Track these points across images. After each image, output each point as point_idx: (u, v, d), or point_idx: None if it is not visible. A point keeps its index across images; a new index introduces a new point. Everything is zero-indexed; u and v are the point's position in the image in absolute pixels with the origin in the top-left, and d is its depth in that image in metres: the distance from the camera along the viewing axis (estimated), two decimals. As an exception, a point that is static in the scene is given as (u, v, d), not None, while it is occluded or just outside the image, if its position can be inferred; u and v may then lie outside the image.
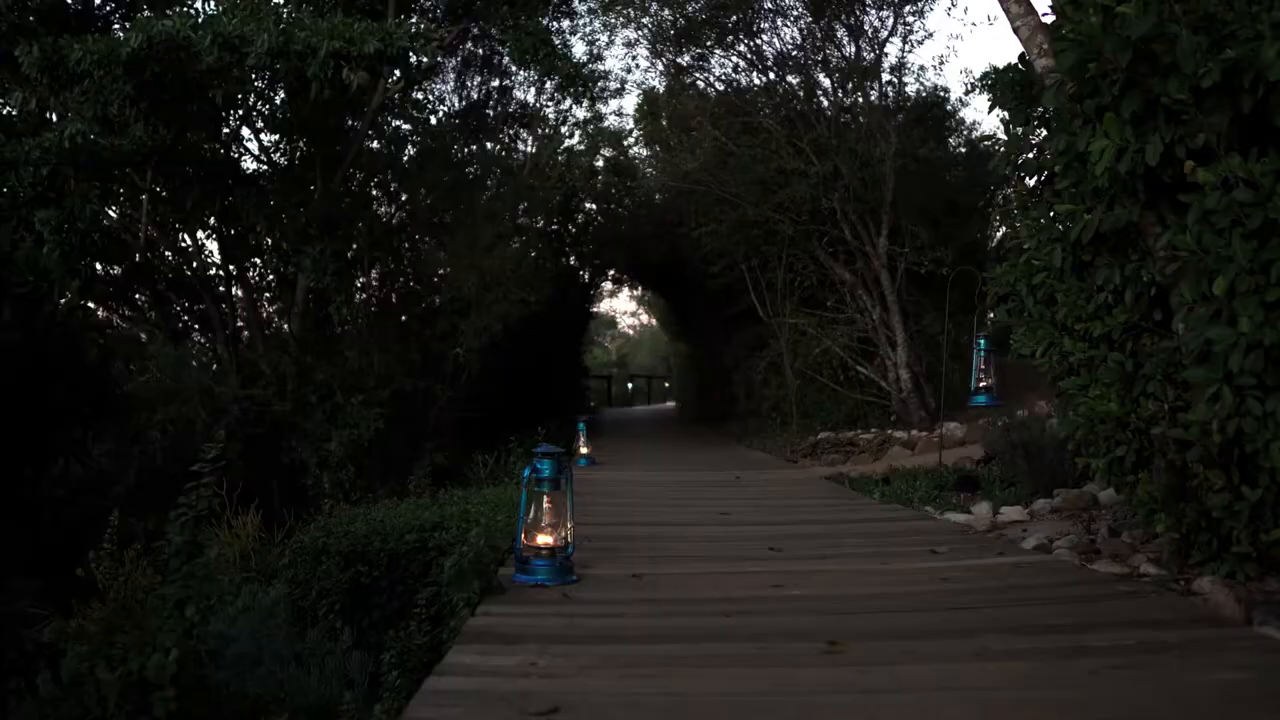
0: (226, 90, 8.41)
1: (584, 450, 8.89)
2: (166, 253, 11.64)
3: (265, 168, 10.91)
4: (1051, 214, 3.68)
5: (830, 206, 9.52)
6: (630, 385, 32.31)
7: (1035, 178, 3.75)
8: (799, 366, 10.34)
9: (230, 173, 9.75)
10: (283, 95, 9.79)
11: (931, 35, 11.27)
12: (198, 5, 10.37)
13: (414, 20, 12.53)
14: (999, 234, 17.41)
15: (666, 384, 33.10)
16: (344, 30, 7.33)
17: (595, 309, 22.52)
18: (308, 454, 8.78)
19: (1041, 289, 3.73)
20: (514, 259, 9.37)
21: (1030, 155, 3.70)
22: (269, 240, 10.60)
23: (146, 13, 9.19)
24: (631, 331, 38.22)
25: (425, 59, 8.11)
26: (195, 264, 11.14)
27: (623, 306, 31.71)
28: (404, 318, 11.02)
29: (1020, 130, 3.78)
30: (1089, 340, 3.54)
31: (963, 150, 15.14)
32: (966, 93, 14.75)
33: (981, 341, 5.96)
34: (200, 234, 10.83)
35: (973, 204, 14.61)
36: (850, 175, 9.35)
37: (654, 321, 29.34)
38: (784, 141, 9.64)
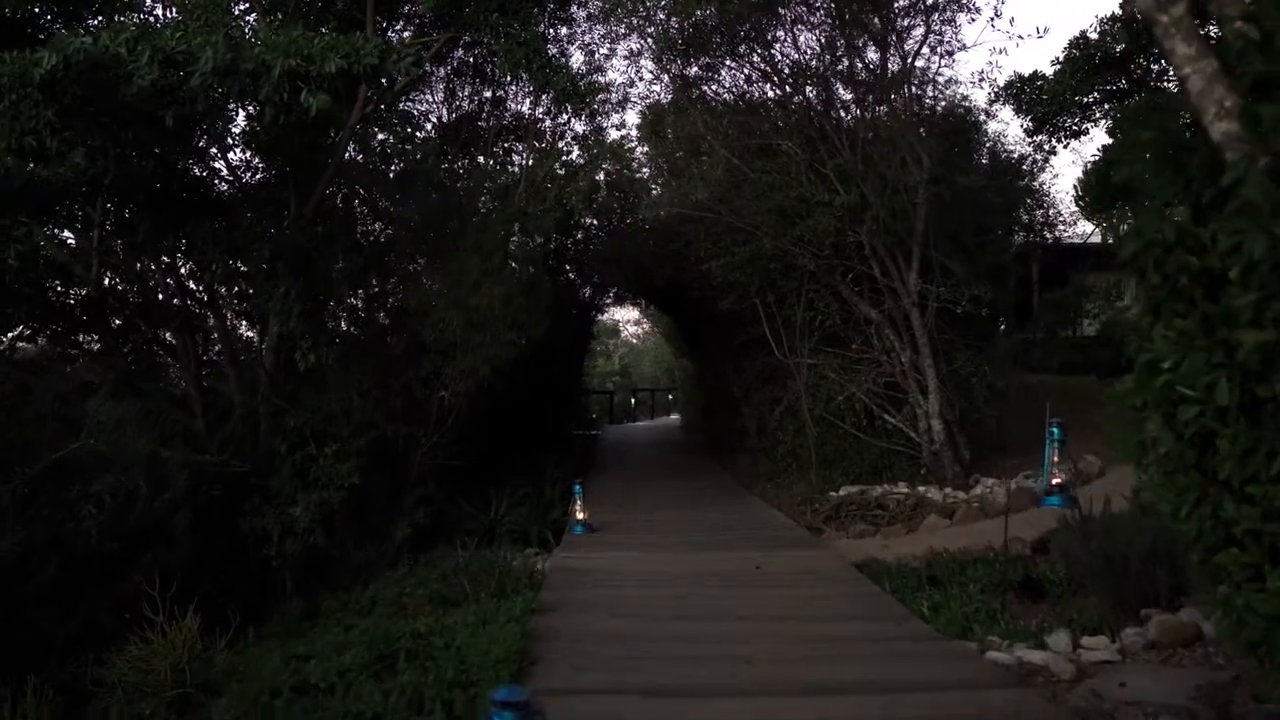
0: (179, 111, 7.44)
1: (580, 515, 7.94)
2: (134, 282, 10.75)
3: (234, 190, 9.95)
4: (1204, 323, 2.69)
5: (857, 240, 8.51)
6: (633, 400, 31.28)
7: (1184, 276, 2.74)
8: (819, 413, 9.33)
9: (189, 200, 8.77)
10: (249, 111, 8.87)
11: (965, 47, 10.17)
12: (158, 12, 9.55)
13: (399, 25, 11.63)
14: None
15: (670, 396, 32.10)
16: (303, 45, 6.33)
17: (597, 324, 21.50)
18: (270, 521, 7.81)
19: (1190, 427, 2.74)
20: (502, 298, 8.37)
21: (1177, 246, 2.70)
22: (241, 266, 9.65)
23: (95, 22, 8.35)
24: (635, 340, 37.20)
25: (400, 76, 7.10)
26: (161, 295, 10.22)
27: (626, 315, 30.65)
28: (389, 340, 10.05)
29: (1167, 209, 2.78)
30: (1267, 509, 2.55)
31: (985, 162, 14.19)
32: (991, 103, 13.64)
33: (1054, 430, 4.96)
34: (165, 261, 9.89)
35: (998, 222, 13.63)
36: (879, 206, 8.34)
37: (658, 332, 28.32)
38: (805, 167, 8.63)
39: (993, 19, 8.72)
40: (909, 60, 9.17)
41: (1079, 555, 4.88)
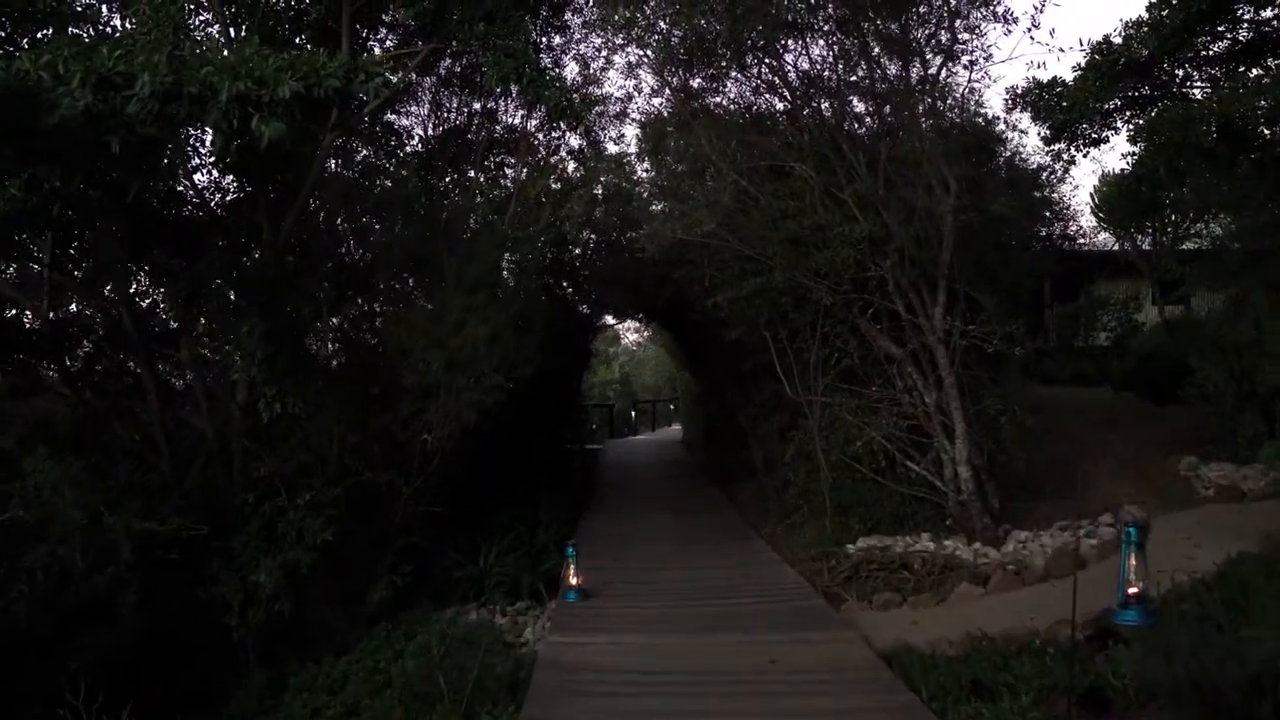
0: (126, 137, 6.68)
1: (574, 581, 7.19)
2: (97, 311, 10.00)
3: (199, 213, 9.19)
4: None
5: (879, 275, 7.75)
6: (634, 413, 30.50)
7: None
8: (836, 458, 8.57)
9: (148, 227, 8.01)
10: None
11: (990, 57, 9.31)
12: (115, 22, 8.80)
13: (381, 34, 10.88)
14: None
15: (672, 406, 31.37)
16: (255, 66, 5.56)
17: (596, 339, 20.73)
18: (231, 590, 7.05)
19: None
20: (487, 338, 7.62)
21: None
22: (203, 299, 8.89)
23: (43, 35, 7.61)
24: (636, 349, 36.41)
25: (369, 98, 6.34)
26: (124, 322, 9.47)
27: (628, 323, 29.86)
28: (368, 379, 9.29)
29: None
30: None
31: (1004, 174, 13.43)
32: (1009, 110, 12.84)
33: (1131, 530, 4.20)
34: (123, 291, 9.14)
35: (1020, 240, 12.87)
36: (903, 236, 7.58)
37: (660, 344, 27.57)
38: (820, 192, 7.86)
39: (1030, 29, 7.90)
40: (937, 71, 8.38)
41: (1158, 676, 4.12)
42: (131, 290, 9.02)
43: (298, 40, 9.60)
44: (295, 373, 7.63)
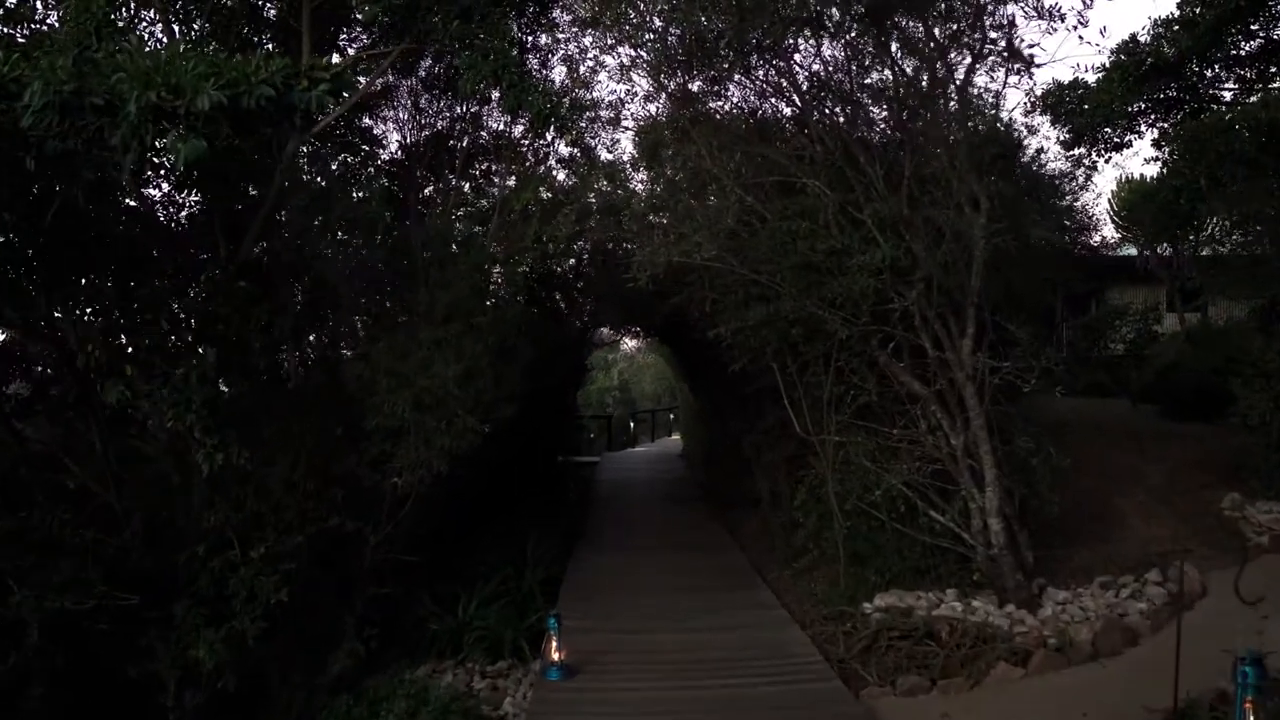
0: (41, 154, 5.81)
1: (555, 656, 6.33)
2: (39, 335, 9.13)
3: (145, 232, 8.31)
4: None
5: (903, 307, 6.88)
6: (633, 423, 29.59)
7: None
8: (852, 505, 7.70)
9: (83, 249, 7.15)
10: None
11: (1032, 59, 8.36)
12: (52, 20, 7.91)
13: (355, 33, 10.03)
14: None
15: (671, 415, 30.52)
16: (173, 71, 4.70)
17: (593, 354, 19.86)
18: (166, 667, 6.19)
19: None
20: (459, 377, 6.76)
21: None
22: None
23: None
24: (635, 353, 35.49)
25: (314, 107, 5.44)
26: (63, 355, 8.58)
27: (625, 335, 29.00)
28: (330, 405, 8.42)
29: None
30: None
31: (1022, 181, 12.55)
32: (1027, 113, 11.97)
33: (1248, 670, 3.33)
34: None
35: (1046, 255, 11.98)
36: (930, 263, 6.71)
37: (659, 356, 26.71)
38: (836, 211, 6.99)
39: (1077, 27, 7.00)
40: (966, 73, 7.51)
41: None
42: (85, 316, 8.20)
43: (256, 42, 8.76)
44: (240, 416, 6.76)
